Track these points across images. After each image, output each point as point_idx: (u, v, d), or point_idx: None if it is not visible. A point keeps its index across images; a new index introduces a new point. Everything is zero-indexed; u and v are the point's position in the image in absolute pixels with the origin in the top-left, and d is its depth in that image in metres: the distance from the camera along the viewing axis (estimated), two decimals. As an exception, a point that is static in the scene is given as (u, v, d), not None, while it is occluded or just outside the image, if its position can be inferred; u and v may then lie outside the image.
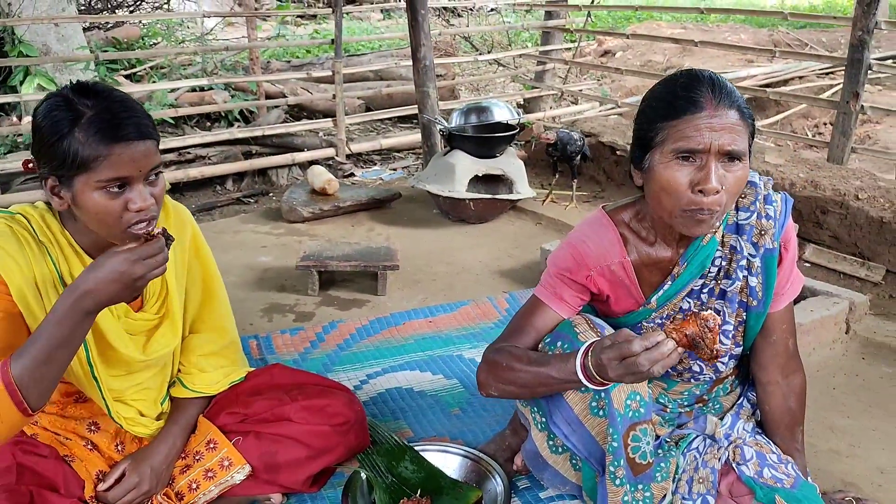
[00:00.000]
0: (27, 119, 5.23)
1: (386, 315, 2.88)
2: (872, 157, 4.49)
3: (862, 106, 3.83)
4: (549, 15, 6.43)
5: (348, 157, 5.19)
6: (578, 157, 3.94)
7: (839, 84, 6.94)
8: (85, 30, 6.55)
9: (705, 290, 1.64)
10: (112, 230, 1.47)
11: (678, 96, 1.43)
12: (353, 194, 4.10)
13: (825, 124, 7.30)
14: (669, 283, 1.61)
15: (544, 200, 4.09)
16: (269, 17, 9.09)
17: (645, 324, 1.66)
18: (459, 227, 3.88)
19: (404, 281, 3.22)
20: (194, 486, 1.76)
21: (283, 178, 4.92)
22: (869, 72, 3.90)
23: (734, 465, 1.64)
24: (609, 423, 1.51)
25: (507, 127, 3.97)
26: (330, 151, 5.05)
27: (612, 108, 6.21)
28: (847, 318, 2.62)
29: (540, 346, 1.64)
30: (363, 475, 1.86)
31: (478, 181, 3.87)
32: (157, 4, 8.29)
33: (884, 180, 3.43)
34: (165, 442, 1.77)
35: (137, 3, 8.04)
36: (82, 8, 7.36)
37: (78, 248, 1.57)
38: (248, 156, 4.95)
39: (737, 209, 1.59)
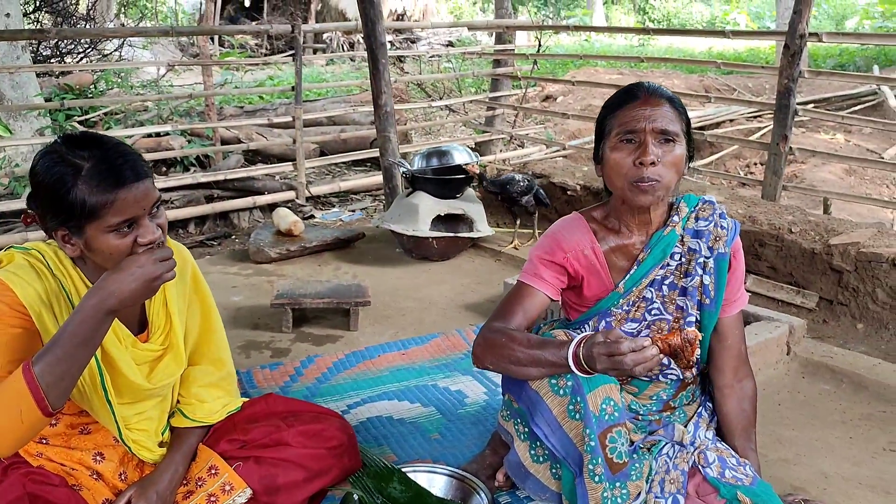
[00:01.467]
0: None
1: (360, 349, 3.01)
2: (801, 195, 4.86)
3: (790, 147, 4.17)
4: (497, 63, 6.74)
5: (308, 199, 5.33)
6: (525, 198, 4.09)
7: (767, 126, 7.44)
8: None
9: (666, 283, 1.85)
10: None
11: (621, 94, 1.78)
12: (319, 235, 4.24)
13: (756, 164, 7.77)
14: (635, 267, 1.84)
15: (512, 243, 4.25)
16: (227, 65, 9.19)
17: (614, 310, 1.87)
18: (423, 265, 4.04)
19: (374, 317, 3.35)
20: (198, 510, 1.85)
21: (245, 221, 5.02)
22: (795, 116, 4.25)
23: (700, 467, 1.83)
24: (585, 425, 1.69)
25: (465, 170, 4.17)
26: (290, 194, 5.18)
27: (559, 151, 6.51)
28: (788, 341, 2.87)
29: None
30: (356, 496, 1.98)
31: (439, 220, 4.05)
32: (106, 52, 8.32)
33: (813, 215, 3.74)
34: (168, 469, 1.85)
35: (86, 52, 8.07)
36: (32, 55, 7.35)
37: (89, 284, 1.67)
38: (209, 199, 5.04)
39: (697, 218, 1.84)
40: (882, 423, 2.48)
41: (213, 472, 1.88)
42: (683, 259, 1.85)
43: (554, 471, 1.84)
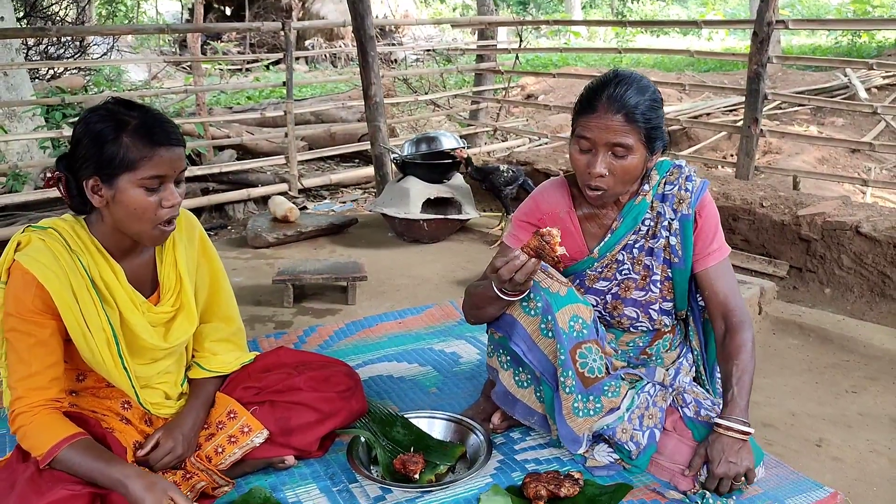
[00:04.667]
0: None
1: (359, 319, 3.18)
2: (772, 175, 5.09)
3: (762, 130, 4.39)
4: (480, 58, 6.94)
5: (300, 191, 5.49)
6: (508, 188, 4.23)
7: (742, 119, 7.69)
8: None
9: (637, 246, 2.04)
10: (145, 226, 1.75)
11: (585, 99, 1.90)
12: (314, 221, 4.41)
13: (732, 155, 8.02)
14: (609, 235, 2.03)
15: (499, 225, 4.43)
16: (218, 61, 9.33)
17: (588, 271, 2.05)
18: (414, 247, 4.22)
19: (371, 292, 3.53)
20: (220, 450, 2.00)
21: (240, 213, 5.17)
22: (766, 101, 4.48)
23: (678, 407, 2.01)
24: (557, 342, 1.89)
25: (453, 155, 4.36)
26: (283, 186, 5.34)
27: (542, 144, 6.71)
28: (759, 301, 3.07)
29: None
30: (363, 439, 2.15)
31: (429, 204, 4.23)
32: (95, 57, 8.45)
33: (783, 190, 3.96)
34: (191, 414, 2.01)
35: (75, 56, 8.20)
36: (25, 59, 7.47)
37: (104, 252, 1.83)
38: (205, 192, 5.19)
39: (665, 183, 2.00)
40: (845, 371, 2.68)
41: (231, 416, 2.05)
42: (652, 223, 2.03)
43: (538, 394, 2.03)
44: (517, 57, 6.68)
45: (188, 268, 2.01)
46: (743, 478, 1.84)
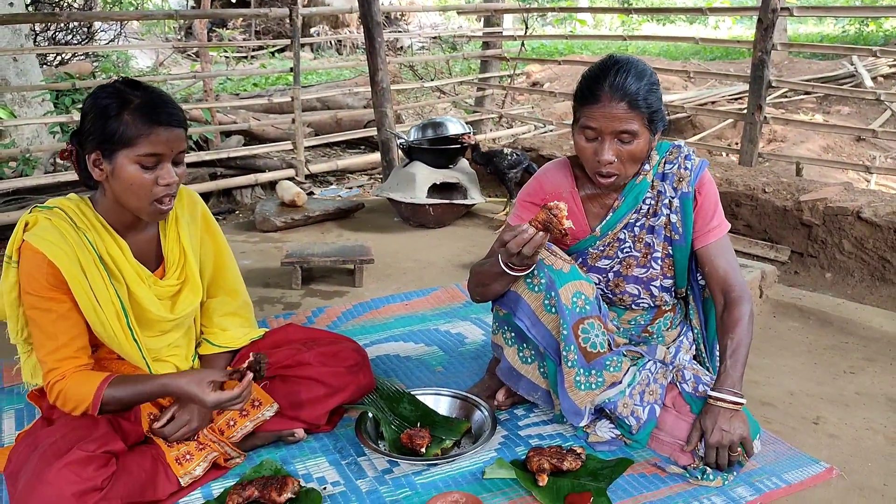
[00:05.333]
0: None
1: (366, 300, 3.23)
2: (776, 162, 5.11)
3: (765, 117, 4.42)
4: (486, 45, 6.96)
5: (307, 177, 5.53)
6: (512, 172, 4.27)
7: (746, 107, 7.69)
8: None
9: (638, 224, 2.09)
10: (142, 202, 1.80)
11: (586, 89, 1.92)
12: (321, 205, 4.46)
13: (736, 143, 8.03)
14: (611, 213, 2.08)
15: (504, 210, 4.48)
16: (225, 47, 9.37)
17: (590, 249, 2.11)
18: (420, 231, 4.27)
19: (377, 275, 3.58)
20: (232, 423, 2.06)
21: (248, 198, 5.22)
22: (770, 88, 4.50)
23: (677, 384, 2.06)
24: (560, 317, 1.94)
25: (459, 140, 4.40)
26: (290, 172, 5.38)
27: (548, 131, 6.74)
28: (760, 285, 3.11)
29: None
30: (370, 414, 2.20)
31: (435, 189, 4.28)
32: (103, 43, 8.49)
33: (785, 176, 4.00)
34: (204, 388, 2.08)
35: (86, 40, 8.24)
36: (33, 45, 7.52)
37: (109, 228, 1.89)
38: (213, 177, 5.24)
39: (665, 162, 2.06)
40: (843, 352, 2.73)
41: (243, 390, 2.10)
42: (652, 202, 2.08)
43: (542, 370, 2.08)
44: (522, 44, 6.70)
45: (191, 243, 2.07)
46: (740, 448, 1.89)
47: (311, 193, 5.28)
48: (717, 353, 2.12)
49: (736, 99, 8.63)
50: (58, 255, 1.76)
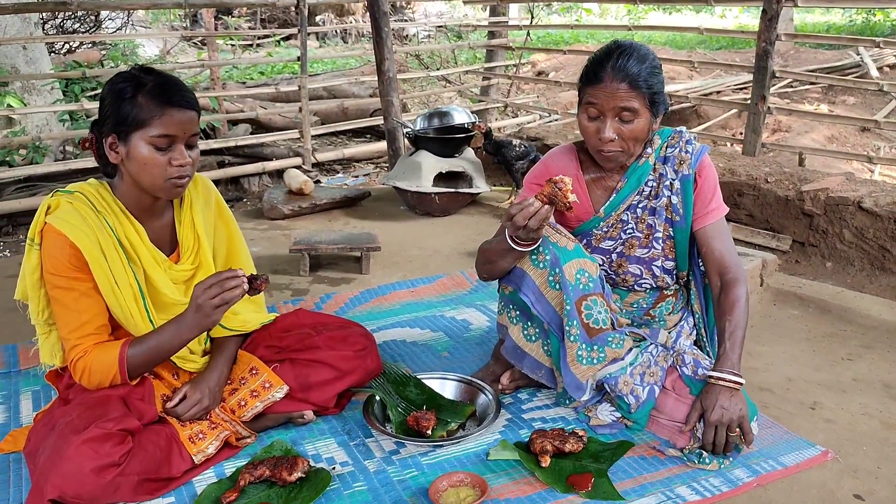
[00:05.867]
0: (1, 134, 5.47)
1: (373, 287, 3.29)
2: (780, 153, 5.14)
3: (769, 107, 4.45)
4: (491, 35, 6.99)
5: (313, 165, 5.59)
6: (519, 163, 4.30)
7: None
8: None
9: (640, 206, 2.15)
10: (156, 181, 1.86)
11: (590, 70, 2.01)
12: (328, 193, 4.51)
13: (741, 133, 8.05)
14: (614, 195, 2.15)
15: (509, 199, 4.53)
16: (232, 35, 9.41)
17: (594, 231, 2.17)
18: (426, 220, 4.32)
19: (384, 263, 3.63)
20: (242, 403, 2.11)
21: (255, 186, 5.28)
22: (774, 79, 4.53)
23: (677, 367, 2.12)
24: (564, 293, 2.00)
25: (465, 129, 4.45)
26: (297, 160, 5.44)
27: (553, 120, 6.78)
28: (761, 273, 3.16)
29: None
30: (378, 397, 2.26)
31: (440, 178, 4.32)
32: (110, 31, 8.53)
33: (788, 166, 4.03)
34: (215, 369, 2.13)
35: (93, 28, 8.28)
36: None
37: (127, 213, 1.96)
38: (221, 165, 5.30)
39: (667, 146, 2.12)
40: (842, 340, 2.78)
41: (253, 372, 2.16)
42: (654, 184, 2.14)
43: (545, 348, 2.14)
44: (528, 33, 6.72)
45: (206, 228, 2.13)
46: (738, 429, 1.94)
47: (317, 182, 5.34)
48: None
49: (741, 89, 8.64)
50: (79, 237, 1.82)
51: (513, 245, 1.99)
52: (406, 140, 4.62)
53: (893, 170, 5.92)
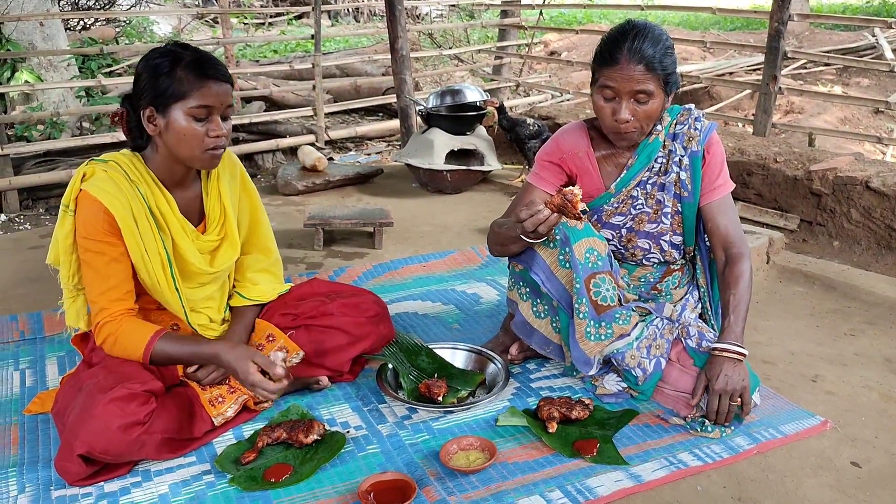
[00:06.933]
0: (20, 110, 5.54)
1: (386, 261, 3.36)
2: (792, 135, 5.16)
3: (780, 87, 4.46)
4: (504, 14, 7.00)
5: (326, 143, 5.64)
6: (532, 142, 4.34)
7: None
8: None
9: (650, 182, 2.20)
10: (194, 151, 1.94)
11: (605, 51, 2.04)
12: (341, 170, 4.57)
13: (753, 114, 8.04)
14: (625, 171, 2.20)
15: (519, 177, 4.59)
16: (246, 13, 9.44)
17: (605, 206, 2.22)
18: (438, 197, 4.38)
19: (396, 238, 3.70)
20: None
21: (269, 163, 5.34)
22: (787, 59, 4.54)
23: (682, 339, 2.18)
24: (573, 272, 2.06)
25: (477, 107, 4.49)
26: (310, 138, 5.49)
27: (565, 100, 6.79)
28: (767, 251, 3.20)
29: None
30: (390, 365, 2.33)
31: (452, 156, 4.38)
32: (130, 6, 8.58)
33: (797, 146, 4.06)
34: (233, 337, 2.19)
35: (108, 5, 8.33)
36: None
37: (159, 183, 2.03)
38: (235, 142, 5.36)
39: (676, 124, 2.16)
40: (846, 316, 2.82)
41: (270, 339, 2.23)
42: (664, 160, 2.19)
43: (554, 324, 2.20)
44: (541, 13, 6.73)
45: (231, 201, 2.20)
46: (739, 398, 2.00)
47: (330, 159, 5.39)
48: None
49: (754, 70, 8.60)
50: (114, 203, 1.90)
51: (524, 237, 2.03)
52: (418, 118, 4.67)
53: (905, 151, 5.91)
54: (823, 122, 7.04)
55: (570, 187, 1.93)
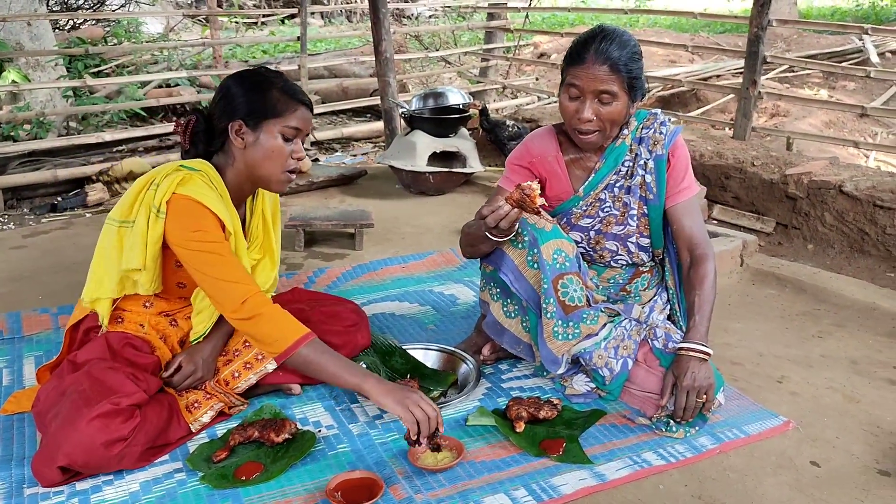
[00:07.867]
0: (6, 109, 5.56)
1: (366, 262, 3.39)
2: (779, 141, 5.22)
3: (759, 92, 4.52)
4: (491, 16, 7.04)
5: (312, 144, 5.67)
6: (511, 143, 4.40)
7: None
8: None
9: (617, 185, 2.24)
10: (275, 170, 2.05)
11: (574, 52, 2.10)
12: (325, 171, 4.61)
13: (733, 118, 8.09)
14: (593, 175, 2.24)
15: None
16: (235, 14, 9.46)
17: (574, 209, 2.26)
18: (420, 198, 4.42)
19: (377, 239, 3.73)
20: (236, 374, 2.20)
21: (254, 163, 5.36)
22: (767, 64, 4.59)
23: (649, 340, 2.22)
24: (541, 272, 2.11)
25: (459, 110, 4.53)
26: (296, 139, 5.52)
27: (551, 102, 6.83)
28: (741, 254, 3.25)
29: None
30: (364, 365, 2.36)
31: (435, 158, 4.41)
32: (114, 8, 8.58)
33: (775, 151, 4.11)
34: (210, 341, 2.22)
35: (97, 5, 8.33)
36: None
37: (228, 199, 2.10)
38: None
39: (642, 128, 2.22)
40: (815, 318, 2.87)
41: (247, 344, 2.24)
42: (630, 164, 2.24)
43: (524, 324, 2.24)
44: (527, 16, 6.77)
45: (273, 219, 2.32)
46: (704, 395, 2.03)
47: (315, 160, 5.43)
48: None
49: (740, 73, 8.65)
50: (218, 207, 1.99)
51: (491, 237, 2.08)
52: (402, 120, 4.70)
53: (890, 156, 5.97)
54: (808, 125, 7.10)
55: (528, 182, 1.96)
